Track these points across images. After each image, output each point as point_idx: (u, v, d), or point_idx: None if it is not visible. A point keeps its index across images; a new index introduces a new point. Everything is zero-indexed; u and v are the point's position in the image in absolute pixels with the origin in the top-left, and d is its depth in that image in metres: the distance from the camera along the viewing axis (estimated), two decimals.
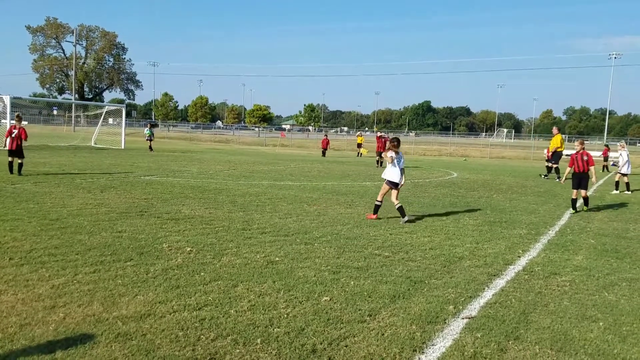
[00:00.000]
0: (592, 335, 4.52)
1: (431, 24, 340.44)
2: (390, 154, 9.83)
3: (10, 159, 14.95)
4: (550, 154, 21.84)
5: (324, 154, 36.05)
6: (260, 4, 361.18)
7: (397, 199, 9.89)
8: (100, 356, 3.73)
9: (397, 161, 9.79)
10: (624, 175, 17.01)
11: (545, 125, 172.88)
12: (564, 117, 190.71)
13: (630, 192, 16.75)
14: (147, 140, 32.55)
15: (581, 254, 7.61)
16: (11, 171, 14.75)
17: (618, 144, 19.33)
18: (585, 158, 12.11)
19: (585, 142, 13.00)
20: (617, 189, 16.96)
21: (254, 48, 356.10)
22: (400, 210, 9.73)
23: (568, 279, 6.25)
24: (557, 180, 20.57)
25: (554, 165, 21.40)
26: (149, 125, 34.97)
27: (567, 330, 4.59)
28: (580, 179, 12.10)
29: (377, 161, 26.67)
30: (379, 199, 10.00)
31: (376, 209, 10.01)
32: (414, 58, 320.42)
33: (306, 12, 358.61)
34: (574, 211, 11.89)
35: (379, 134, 31.36)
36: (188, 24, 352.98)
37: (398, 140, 10.04)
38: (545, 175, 22.12)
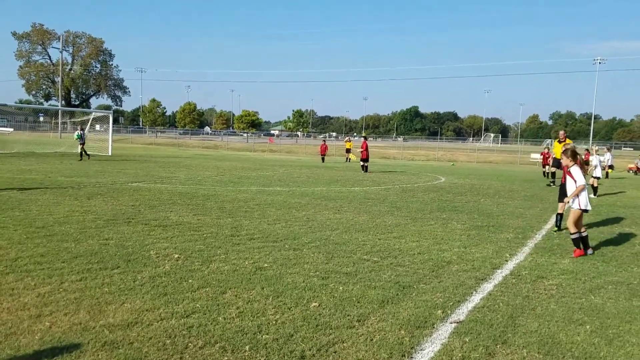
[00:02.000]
0: (579, 338, 4.55)
1: (418, 28, 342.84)
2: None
3: None
4: (551, 159, 21.39)
5: (323, 159, 35.74)
6: (246, 9, 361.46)
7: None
8: None
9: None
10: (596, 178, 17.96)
11: (531, 130, 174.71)
12: (550, 122, 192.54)
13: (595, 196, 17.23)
14: (80, 145, 27.70)
15: (568, 258, 7.68)
16: None
17: (593, 148, 20.25)
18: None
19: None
20: (594, 194, 17.39)
21: (241, 53, 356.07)
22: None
23: (555, 283, 6.30)
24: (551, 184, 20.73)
25: (553, 170, 21.16)
26: (79, 128, 29.63)
27: (554, 334, 4.62)
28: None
29: (363, 167, 26.46)
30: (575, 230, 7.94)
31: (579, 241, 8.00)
32: (402, 63, 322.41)
33: (293, 17, 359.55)
34: (556, 229, 9.96)
35: (362, 138, 31.00)
36: (175, 30, 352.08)
37: (575, 153, 8.30)
38: (552, 182, 21.15)
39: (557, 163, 18.98)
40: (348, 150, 38.32)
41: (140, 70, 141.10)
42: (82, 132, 27.96)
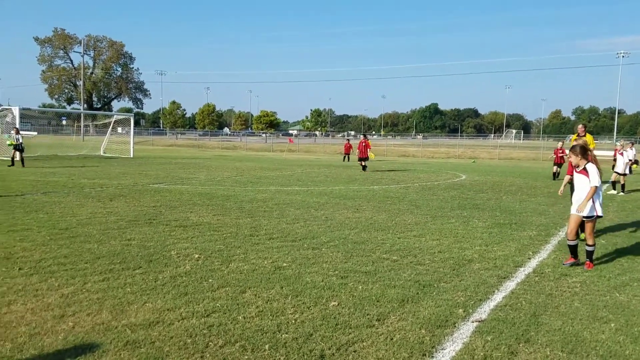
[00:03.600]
0: (604, 336, 4.47)
1: (438, 26, 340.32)
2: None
3: None
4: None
5: (345, 159, 35.13)
6: (263, 9, 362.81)
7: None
8: None
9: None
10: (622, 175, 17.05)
11: (554, 126, 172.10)
12: (572, 117, 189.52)
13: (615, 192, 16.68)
14: (14, 150, 22.74)
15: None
16: None
17: (617, 143, 18.82)
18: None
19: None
20: (622, 190, 16.87)
21: (259, 54, 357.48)
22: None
23: (579, 280, 6.19)
24: None
25: None
26: (15, 130, 23.96)
27: (578, 332, 4.54)
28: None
29: (364, 167, 25.10)
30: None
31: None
32: (421, 61, 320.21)
33: (311, 17, 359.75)
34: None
35: (362, 136, 28.21)
36: (194, 32, 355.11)
37: (585, 149, 7.08)
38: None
39: None
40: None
41: (160, 72, 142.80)
42: (18, 136, 23.06)
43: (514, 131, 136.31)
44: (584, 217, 6.83)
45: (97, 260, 6.50)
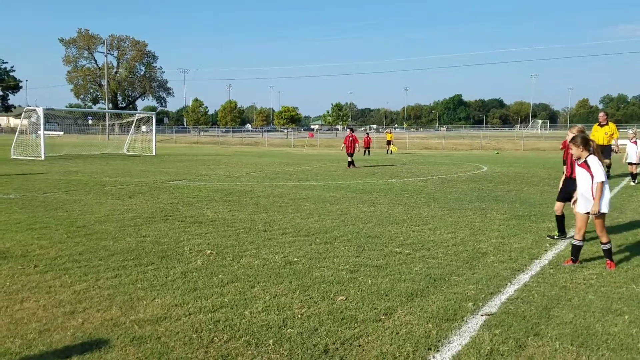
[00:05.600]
0: (616, 329, 4.35)
1: (460, 16, 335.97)
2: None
3: None
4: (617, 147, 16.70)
5: (366, 152, 34.91)
6: (284, 4, 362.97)
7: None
8: None
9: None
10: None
11: (581, 115, 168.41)
12: (600, 106, 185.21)
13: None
14: None
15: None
16: None
17: (630, 131, 16.59)
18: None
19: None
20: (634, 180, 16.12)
21: (279, 49, 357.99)
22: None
23: (595, 272, 6.04)
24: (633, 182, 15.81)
25: (607, 162, 15.87)
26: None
27: (589, 325, 4.43)
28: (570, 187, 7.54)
29: (351, 162, 22.26)
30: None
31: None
32: (443, 51, 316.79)
33: (331, 11, 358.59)
34: (557, 234, 7.99)
35: (348, 130, 24.71)
36: (215, 30, 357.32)
37: (587, 140, 6.44)
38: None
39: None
40: (389, 142, 38.04)
41: (183, 71, 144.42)
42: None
43: (540, 121, 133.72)
44: (586, 213, 6.33)
45: (111, 257, 6.60)
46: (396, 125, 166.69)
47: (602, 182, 6.11)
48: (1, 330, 4.27)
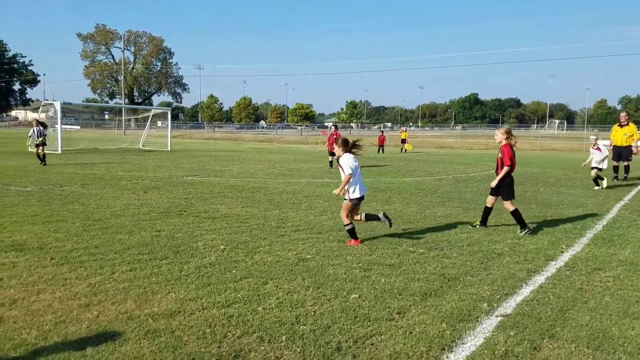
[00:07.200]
0: (633, 332, 4.28)
1: (477, 15, 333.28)
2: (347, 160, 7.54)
3: None
4: (611, 147, 16.18)
5: (380, 150, 34.80)
6: (300, 2, 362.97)
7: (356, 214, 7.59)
8: (128, 353, 3.80)
9: (355, 169, 7.70)
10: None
11: (599, 116, 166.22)
12: (619, 107, 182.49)
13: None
14: (37, 147, 19.95)
15: (629, 249, 7.24)
16: None
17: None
18: (500, 155, 8.32)
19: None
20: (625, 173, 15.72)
21: (295, 47, 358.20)
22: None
23: (612, 275, 5.96)
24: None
25: (614, 164, 16.28)
26: (35, 122, 21.03)
27: (606, 328, 4.37)
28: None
29: (331, 162, 20.75)
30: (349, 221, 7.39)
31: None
32: (460, 50, 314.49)
33: (347, 8, 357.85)
34: (478, 224, 8.61)
35: (332, 127, 23.33)
36: (231, 26, 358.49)
37: (346, 141, 7.68)
38: (616, 177, 16.30)
39: (617, 153, 16.06)
40: (403, 141, 37.88)
41: (199, 67, 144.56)
42: (38, 129, 20.27)
43: (557, 121, 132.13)
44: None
45: (127, 251, 6.65)
46: (411, 124, 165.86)
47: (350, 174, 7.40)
48: (18, 322, 4.33)
